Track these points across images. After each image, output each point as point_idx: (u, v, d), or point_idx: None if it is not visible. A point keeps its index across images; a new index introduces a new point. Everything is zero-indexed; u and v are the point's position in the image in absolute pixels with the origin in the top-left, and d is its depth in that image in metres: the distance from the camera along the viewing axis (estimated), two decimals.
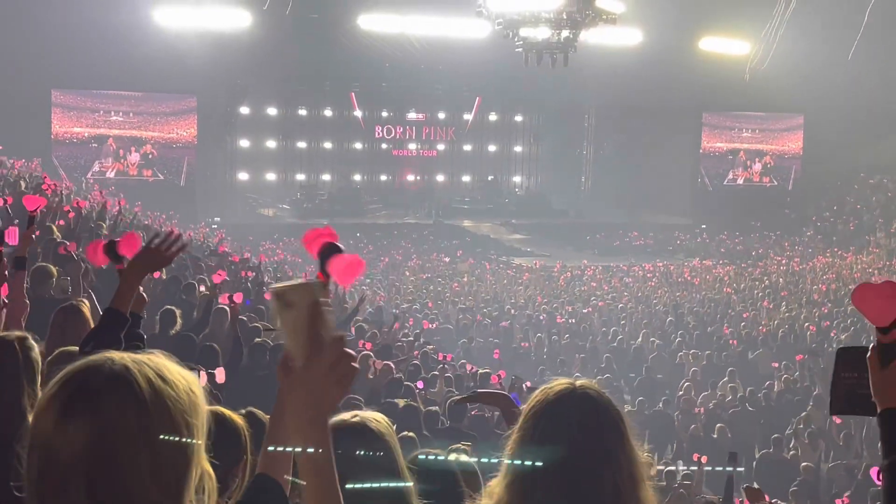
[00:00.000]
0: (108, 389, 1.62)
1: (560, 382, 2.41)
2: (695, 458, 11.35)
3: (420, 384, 10.70)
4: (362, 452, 2.49)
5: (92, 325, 5.22)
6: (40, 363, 3.56)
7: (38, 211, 5.89)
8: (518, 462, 2.33)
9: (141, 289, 3.68)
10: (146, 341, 3.54)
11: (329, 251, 2.29)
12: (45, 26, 34.20)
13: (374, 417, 2.68)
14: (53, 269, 8.01)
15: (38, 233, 6.89)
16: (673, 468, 10.53)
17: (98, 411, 1.61)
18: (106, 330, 3.46)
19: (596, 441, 2.31)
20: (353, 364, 1.72)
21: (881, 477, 2.18)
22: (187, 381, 1.71)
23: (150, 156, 41.92)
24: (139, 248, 3.63)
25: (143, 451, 1.62)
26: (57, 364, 3.65)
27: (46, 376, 3.33)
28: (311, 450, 1.71)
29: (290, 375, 1.71)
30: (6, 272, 5.19)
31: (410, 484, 2.62)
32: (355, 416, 2.65)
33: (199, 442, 1.70)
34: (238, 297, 8.60)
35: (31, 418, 1.66)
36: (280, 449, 2.11)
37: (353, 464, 2.36)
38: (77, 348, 3.68)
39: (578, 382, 2.40)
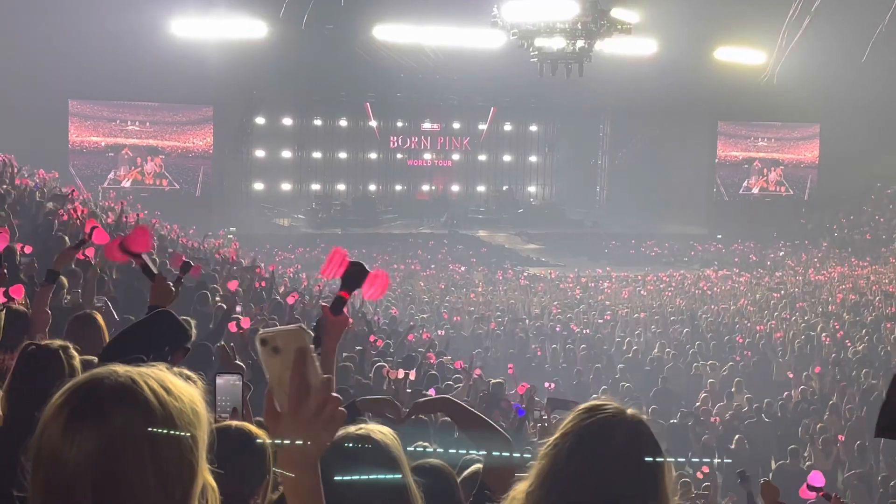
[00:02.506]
0: (114, 401, 1.63)
1: (610, 404, 2.35)
2: (706, 471, 11.30)
3: (432, 391, 10.65)
4: (367, 465, 2.46)
5: (106, 334, 5.25)
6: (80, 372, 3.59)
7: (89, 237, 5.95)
8: (551, 475, 2.28)
9: (170, 284, 3.72)
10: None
11: (357, 273, 2.29)
12: (63, 37, 34.40)
13: (380, 429, 2.65)
14: (65, 280, 8.05)
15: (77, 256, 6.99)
16: (688, 479, 10.47)
17: (105, 422, 1.61)
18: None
19: (639, 472, 2.26)
20: (340, 409, 1.70)
21: None
22: (190, 393, 1.72)
23: (161, 167, 42.06)
24: (149, 241, 3.65)
25: (151, 463, 1.62)
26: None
27: None
28: (300, 490, 1.70)
29: (277, 420, 1.68)
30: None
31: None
32: (360, 428, 2.62)
33: (203, 453, 1.70)
34: (246, 323, 8.57)
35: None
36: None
37: (358, 476, 2.34)
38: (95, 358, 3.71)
39: (629, 410, 2.34)
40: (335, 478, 2.09)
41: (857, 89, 41.22)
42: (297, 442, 1.67)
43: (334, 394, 1.70)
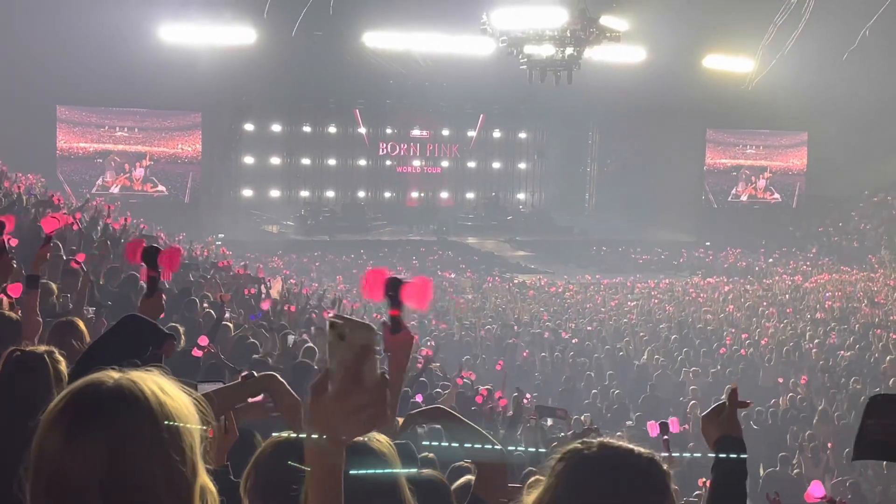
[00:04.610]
0: (116, 405, 1.62)
1: (612, 441, 2.10)
2: (700, 483, 11.28)
3: (419, 397, 10.63)
4: (363, 472, 2.45)
5: (88, 340, 5.23)
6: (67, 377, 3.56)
7: (54, 232, 5.97)
8: None
9: (164, 297, 3.71)
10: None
11: (394, 286, 2.27)
12: (51, 43, 34.31)
13: (376, 437, 2.64)
14: (54, 286, 8.02)
15: (50, 253, 6.96)
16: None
17: (110, 427, 1.60)
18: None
19: None
20: (385, 411, 1.71)
21: None
22: (182, 395, 1.72)
23: (150, 171, 41.98)
24: (178, 266, 3.64)
25: (158, 464, 1.62)
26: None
27: None
28: (322, 473, 1.69)
29: (320, 396, 1.69)
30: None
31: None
32: None
33: (199, 453, 1.71)
34: (203, 340, 8.53)
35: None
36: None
37: (353, 484, 2.33)
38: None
39: (637, 449, 2.08)
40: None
41: (845, 97, 41.40)
42: (322, 430, 1.68)
43: (384, 399, 1.71)
